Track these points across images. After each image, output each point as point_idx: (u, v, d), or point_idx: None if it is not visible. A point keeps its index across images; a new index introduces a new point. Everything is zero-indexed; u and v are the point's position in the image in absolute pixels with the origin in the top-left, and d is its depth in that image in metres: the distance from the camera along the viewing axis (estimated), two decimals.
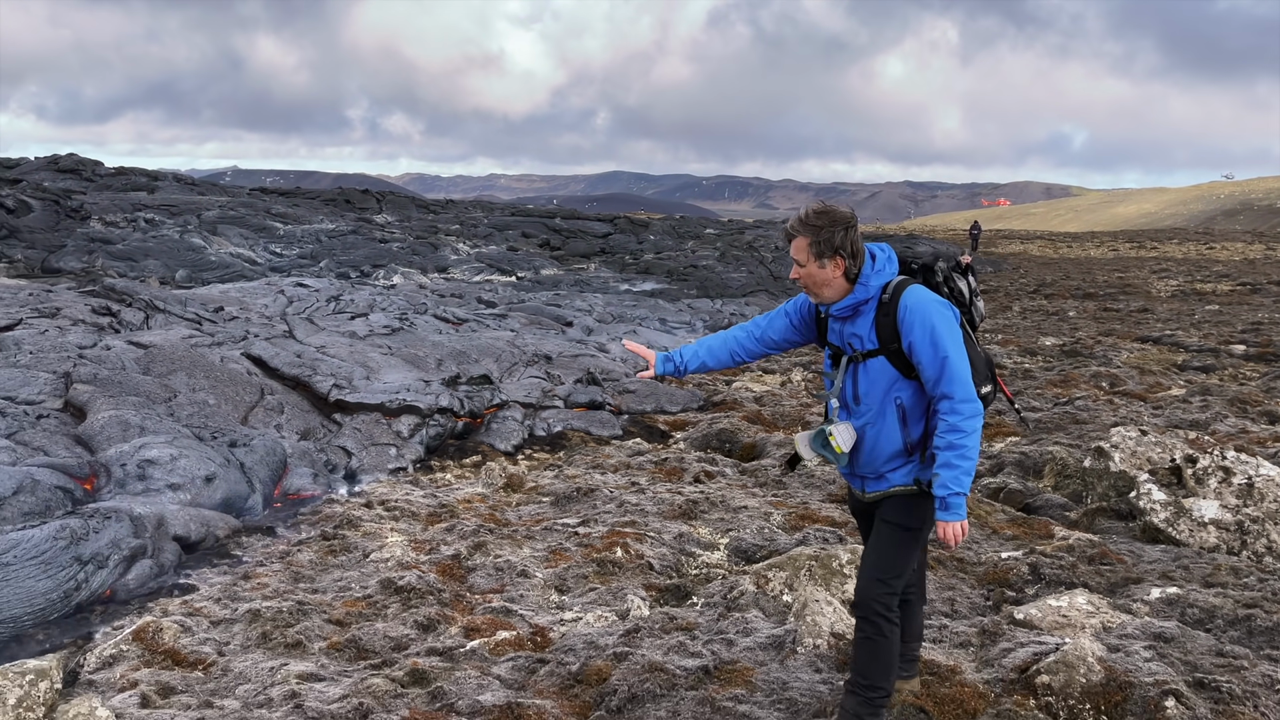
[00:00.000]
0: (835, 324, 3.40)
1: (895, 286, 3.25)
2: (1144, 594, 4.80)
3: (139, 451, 6.65)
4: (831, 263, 3.24)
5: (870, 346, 3.29)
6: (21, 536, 5.02)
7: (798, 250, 3.29)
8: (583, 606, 5.12)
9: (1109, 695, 3.59)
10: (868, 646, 3.38)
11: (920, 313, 3.17)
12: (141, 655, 4.35)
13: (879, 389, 3.29)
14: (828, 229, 3.21)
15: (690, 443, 9.67)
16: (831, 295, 3.31)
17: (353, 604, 5.04)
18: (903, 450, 3.30)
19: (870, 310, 3.28)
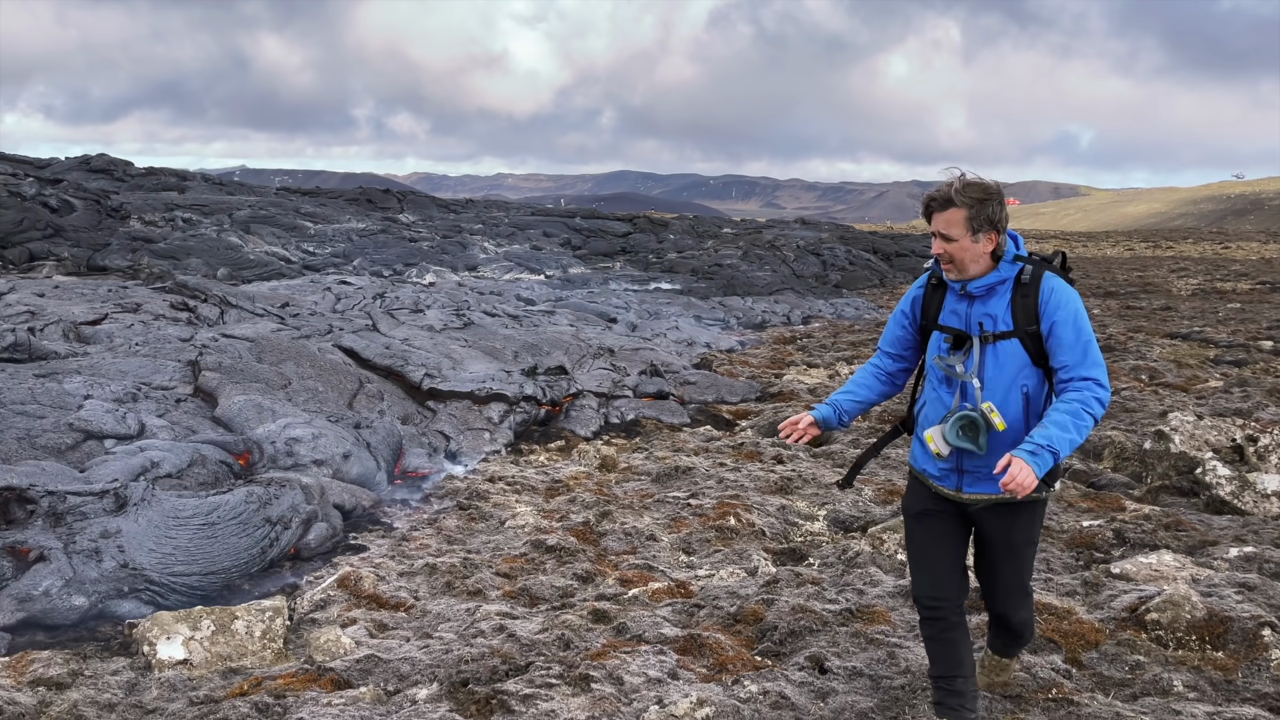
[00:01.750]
0: (960, 304, 3.27)
1: (1033, 270, 3.17)
2: (1222, 553, 5.40)
3: (284, 431, 7.28)
4: (986, 237, 3.14)
5: (1004, 328, 3.18)
6: (220, 500, 5.66)
7: (950, 223, 3.13)
8: (712, 565, 5.73)
9: (1212, 628, 4.20)
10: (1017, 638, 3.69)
11: (1065, 296, 3.13)
12: (348, 600, 4.97)
13: (1007, 374, 3.19)
14: (988, 202, 3.10)
15: (757, 430, 10.26)
16: (976, 271, 3.19)
17: (512, 560, 5.66)
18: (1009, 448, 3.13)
19: (1006, 291, 3.19)
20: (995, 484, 3.16)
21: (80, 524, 5.18)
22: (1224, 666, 3.99)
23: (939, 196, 3.16)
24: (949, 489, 3.34)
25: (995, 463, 3.08)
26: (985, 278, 3.20)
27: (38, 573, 4.86)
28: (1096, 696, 3.78)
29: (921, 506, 3.45)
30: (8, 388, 7.19)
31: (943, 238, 3.18)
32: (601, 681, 3.88)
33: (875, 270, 37.81)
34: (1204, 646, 4.18)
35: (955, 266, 3.21)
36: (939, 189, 3.18)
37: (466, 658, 4.14)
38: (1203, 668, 4.00)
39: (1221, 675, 3.93)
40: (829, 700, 3.80)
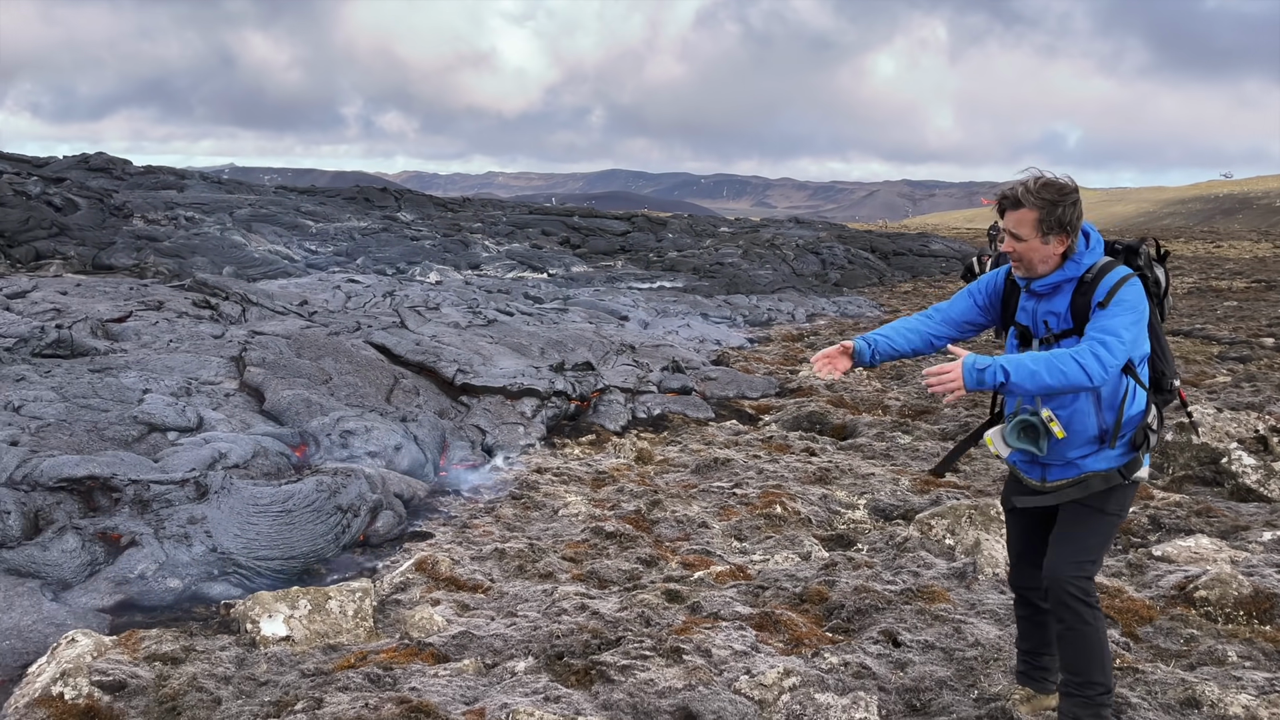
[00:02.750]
0: (1029, 301, 3.29)
1: (1100, 268, 3.15)
2: (1256, 537, 5.67)
3: (338, 424, 7.49)
4: (1056, 239, 3.14)
5: (1065, 326, 3.20)
6: (293, 489, 5.87)
7: (1020, 223, 3.14)
8: (765, 550, 5.97)
9: (1259, 604, 4.46)
10: (1071, 639, 3.28)
11: (1122, 290, 3.08)
12: (427, 582, 5.20)
13: None
14: (1061, 205, 3.09)
15: (782, 424, 10.50)
16: (1044, 271, 3.20)
17: (575, 545, 5.89)
18: (1096, 437, 3.19)
19: (1070, 289, 3.19)
20: (1075, 468, 3.24)
21: (167, 510, 5.39)
22: (1274, 639, 4.25)
23: (1011, 196, 3.16)
24: (1035, 480, 3.35)
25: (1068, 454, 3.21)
26: (1049, 277, 3.20)
27: (131, 557, 5.07)
28: (1159, 666, 4.03)
29: (1011, 501, 3.52)
30: (68, 383, 7.38)
31: (1012, 236, 3.19)
32: (691, 654, 4.11)
33: (874, 269, 38.13)
34: (1252, 621, 4.44)
35: (1023, 265, 3.23)
36: (1012, 187, 3.17)
37: (556, 633, 4.37)
38: (1254, 640, 4.26)
39: (1273, 646, 4.19)
40: (907, 670, 4.04)
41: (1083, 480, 3.25)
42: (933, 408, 11.05)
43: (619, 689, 3.84)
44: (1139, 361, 3.19)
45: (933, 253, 43.95)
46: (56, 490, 5.49)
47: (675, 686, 3.84)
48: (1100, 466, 3.23)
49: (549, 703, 3.72)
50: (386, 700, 3.69)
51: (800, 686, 3.88)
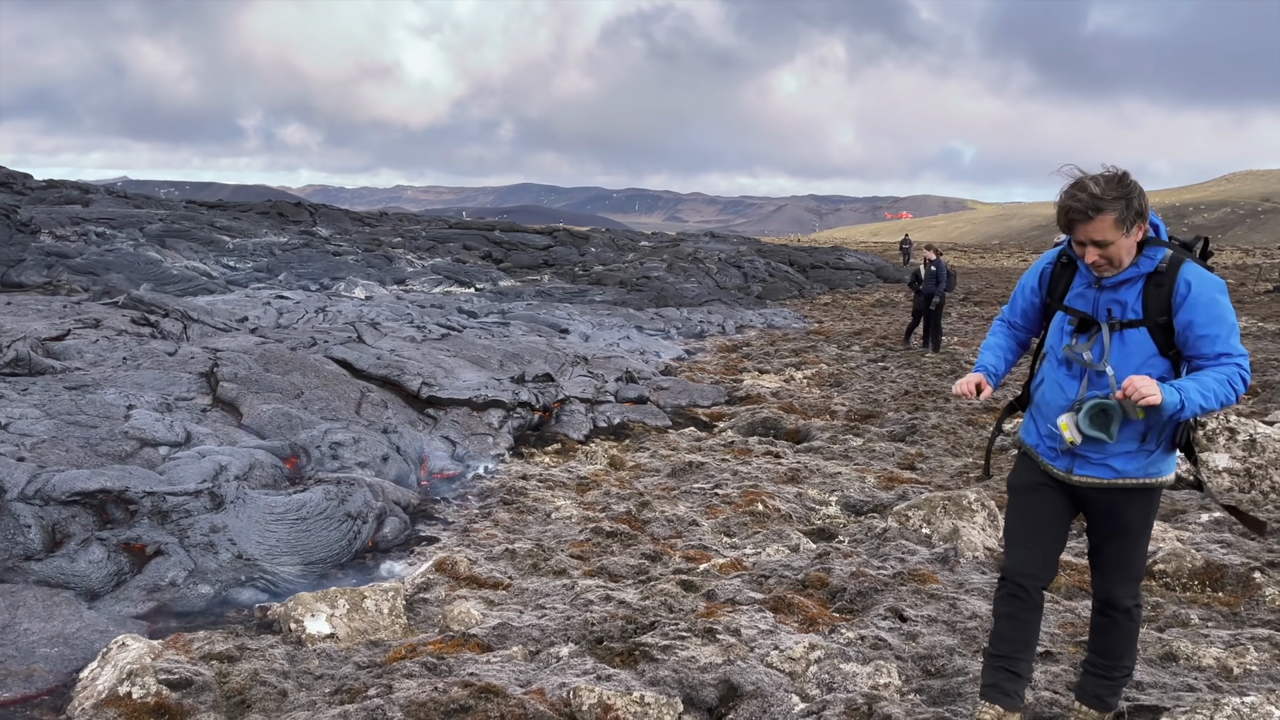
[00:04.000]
0: (1088, 290, 3.20)
1: (1170, 259, 3.08)
2: (1195, 519, 6.31)
3: (326, 436, 7.63)
4: (1137, 228, 3.04)
5: (1133, 316, 3.11)
6: (304, 498, 6.03)
7: (1101, 229, 3.00)
8: (755, 545, 6.37)
9: (1210, 574, 5.04)
10: (1117, 632, 3.41)
11: (1203, 287, 3.03)
12: (449, 581, 5.44)
13: (1132, 363, 3.11)
14: (1131, 195, 2.98)
15: (738, 430, 10.95)
16: (1129, 261, 3.10)
17: (578, 545, 6.19)
18: (1139, 435, 3.13)
19: (1142, 279, 3.10)
20: (1108, 469, 3.18)
21: (187, 520, 5.51)
22: (1228, 603, 4.82)
23: (1081, 207, 2.99)
24: (1059, 470, 3.28)
25: (1109, 448, 3.14)
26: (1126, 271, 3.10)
27: (159, 565, 5.18)
28: None
29: (1028, 481, 3.40)
30: (48, 401, 7.36)
31: (1095, 245, 3.03)
32: (723, 633, 4.47)
33: (794, 282, 39.17)
34: (1206, 588, 5.01)
35: (1113, 265, 3.09)
36: (1077, 198, 3.00)
37: (591, 621, 4.67)
38: (1211, 604, 4.83)
39: (1228, 609, 4.76)
40: (918, 640, 4.47)
41: (1121, 494, 3.20)
42: (876, 412, 11.65)
43: (663, 667, 4.17)
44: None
45: (847, 266, 45.32)
46: (70, 504, 5.55)
47: (715, 662, 4.19)
48: (1133, 470, 3.17)
49: (601, 681, 4.02)
50: (452, 684, 3.94)
51: (825, 659, 4.28)
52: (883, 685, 4.05)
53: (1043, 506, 3.40)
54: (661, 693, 3.97)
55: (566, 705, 3.85)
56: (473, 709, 3.75)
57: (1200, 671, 4.02)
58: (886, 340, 20.32)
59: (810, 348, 19.37)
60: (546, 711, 3.77)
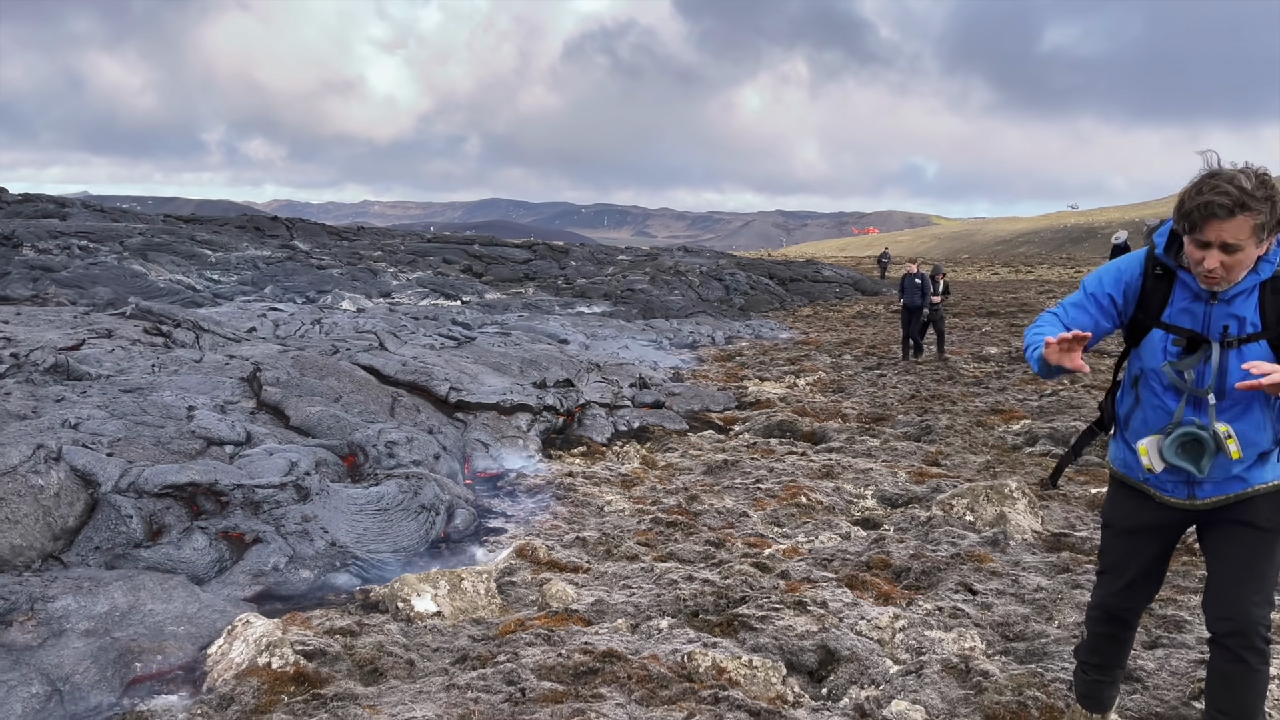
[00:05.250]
0: (1195, 302, 2.87)
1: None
2: None
3: (380, 435, 7.86)
4: (1270, 240, 2.74)
5: (1252, 329, 2.82)
6: (380, 491, 6.29)
7: (1238, 231, 2.66)
8: (807, 533, 6.70)
9: None
10: (1243, 681, 2.93)
11: None
12: (531, 566, 5.71)
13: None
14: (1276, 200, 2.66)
15: (755, 432, 11.29)
16: (1240, 278, 2.79)
17: (642, 533, 6.48)
18: (1268, 450, 2.90)
19: (1256, 290, 2.82)
20: (1238, 482, 2.91)
21: (279, 511, 5.75)
22: None
23: (1228, 203, 2.63)
24: (1179, 498, 2.99)
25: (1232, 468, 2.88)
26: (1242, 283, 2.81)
27: (260, 552, 5.41)
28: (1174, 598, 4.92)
29: (1135, 523, 3.12)
30: (110, 402, 7.54)
31: (1223, 249, 2.70)
32: (812, 605, 4.79)
33: (774, 294, 39.71)
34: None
35: (1229, 278, 2.78)
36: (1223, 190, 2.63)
37: (682, 597, 4.98)
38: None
39: None
40: (993, 610, 4.82)
41: (1248, 498, 2.91)
42: (886, 415, 12.05)
43: (763, 635, 4.48)
44: None
45: (825, 279, 46.00)
46: (162, 496, 5.76)
47: (811, 630, 4.51)
48: (1266, 475, 2.90)
49: (709, 648, 4.33)
50: (572, 651, 4.23)
51: (909, 627, 4.61)
52: (969, 648, 4.39)
53: (1149, 552, 3.13)
54: (766, 657, 4.28)
55: (683, 668, 4.15)
56: (600, 670, 4.05)
57: None
58: (876, 350, 20.79)
59: (804, 357, 19.79)
60: (666, 673, 4.06)
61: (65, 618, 4.41)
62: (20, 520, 5.15)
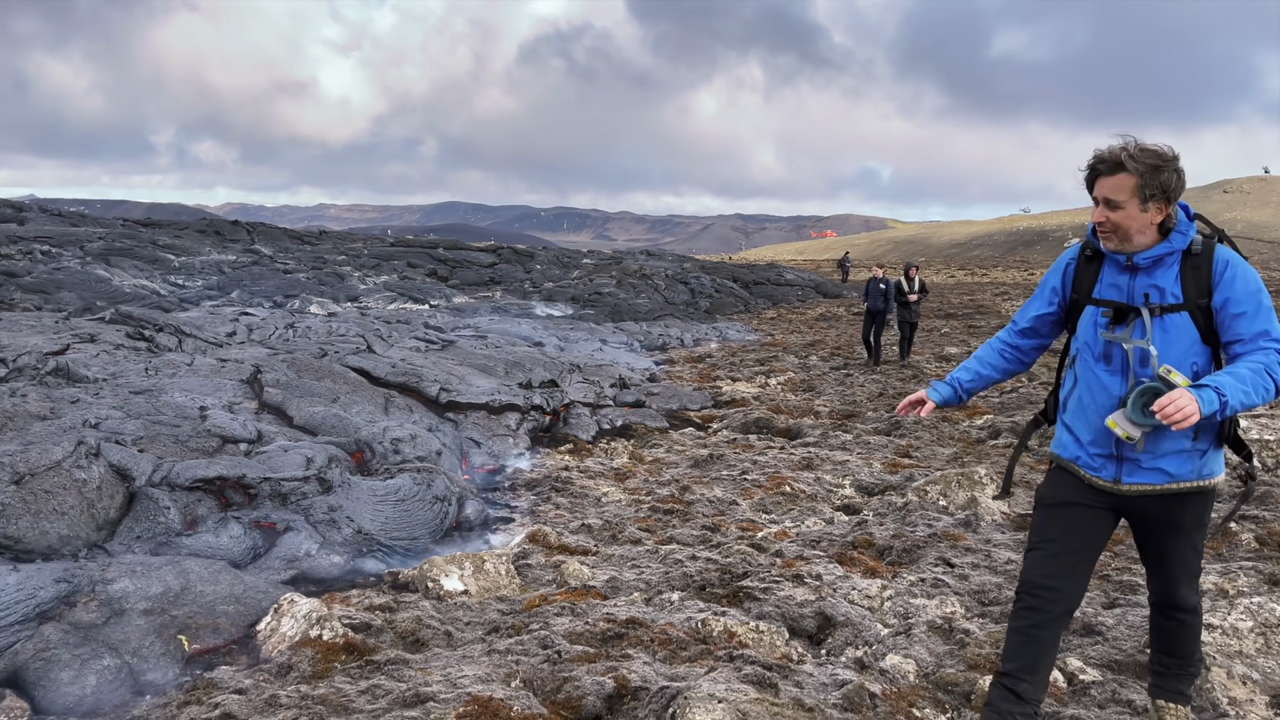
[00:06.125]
0: (1120, 275, 3.10)
1: (1204, 241, 3.05)
2: None
3: (386, 433, 8.24)
4: (1156, 207, 2.96)
5: (1173, 300, 3.01)
6: (396, 483, 6.68)
7: (1118, 189, 2.95)
8: (793, 519, 7.20)
9: None
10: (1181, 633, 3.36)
11: (1240, 267, 3.00)
12: (543, 550, 6.15)
13: (1177, 350, 3.01)
14: (1164, 169, 2.91)
15: (733, 429, 11.80)
16: (1142, 243, 3.02)
17: (642, 520, 6.94)
18: (1190, 433, 3.01)
19: (1175, 261, 3.03)
20: (1160, 474, 3.04)
21: (305, 502, 6.12)
22: (1212, 548, 5.80)
23: (1109, 159, 2.96)
24: (1106, 480, 3.11)
25: (1160, 446, 3.01)
26: (1155, 249, 3.02)
27: (292, 540, 5.79)
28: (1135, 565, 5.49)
29: (1064, 497, 3.22)
30: (126, 403, 7.85)
31: (1107, 204, 2.98)
32: (808, 579, 5.28)
33: (739, 297, 40.38)
34: None
35: (1117, 236, 3.03)
36: (1109, 151, 2.97)
37: (689, 573, 5.45)
38: None
39: (1213, 551, 5.74)
40: (969, 580, 5.35)
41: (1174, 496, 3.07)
42: (857, 411, 12.62)
43: (766, 604, 4.97)
44: None
45: (788, 282, 46.78)
46: (192, 490, 6.11)
47: (809, 599, 5.00)
48: (1186, 472, 3.04)
49: (719, 616, 4.80)
50: (597, 620, 4.68)
51: (896, 596, 5.13)
52: (950, 612, 4.91)
53: (1077, 524, 3.19)
54: (770, 623, 4.76)
55: (698, 632, 4.62)
56: (626, 635, 4.50)
57: (1203, 593, 4.96)
58: (841, 351, 21.43)
59: (772, 358, 20.36)
60: (684, 637, 4.53)
61: (124, 598, 4.77)
62: (67, 512, 5.49)
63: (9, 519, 5.29)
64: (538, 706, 3.80)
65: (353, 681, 4.15)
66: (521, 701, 3.80)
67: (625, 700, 3.89)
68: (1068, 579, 3.17)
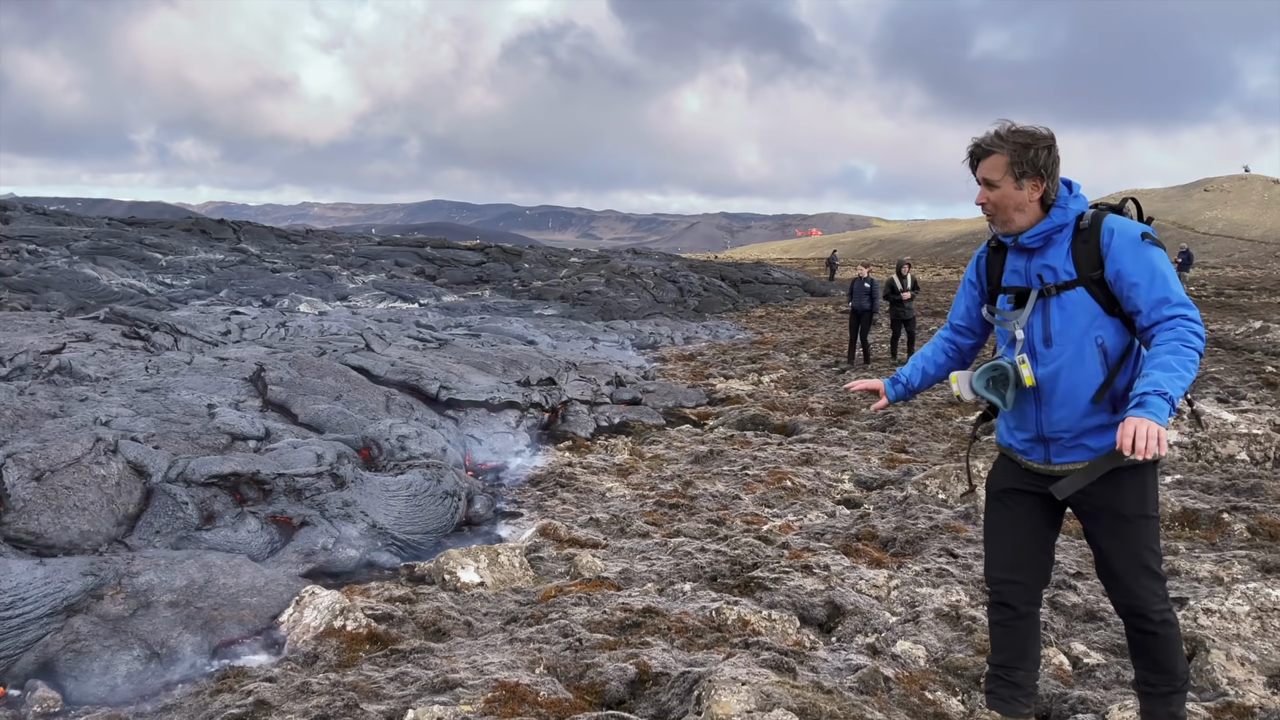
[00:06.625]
0: (1018, 259, 3.16)
1: (1093, 215, 3.05)
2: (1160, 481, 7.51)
3: (392, 430, 8.34)
4: (1031, 184, 3.03)
5: (1066, 278, 3.03)
6: (409, 479, 6.79)
7: (991, 169, 3.05)
8: (796, 512, 7.34)
9: (1188, 517, 6.21)
10: (1155, 644, 3.14)
11: (1128, 235, 2.96)
12: (554, 543, 6.27)
13: (1077, 326, 3.01)
14: (1032, 147, 2.99)
15: (730, 426, 11.93)
16: (1023, 222, 3.09)
17: (648, 514, 7.07)
18: (1105, 403, 2.99)
19: (1065, 238, 3.05)
20: (1084, 450, 3.05)
21: (319, 498, 6.22)
22: (1206, 537, 5.98)
23: (982, 143, 3.07)
24: (1037, 462, 3.15)
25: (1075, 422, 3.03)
26: (1037, 226, 3.07)
27: (308, 534, 5.89)
28: None
29: (1005, 485, 3.28)
30: (132, 401, 7.92)
31: (986, 184, 3.08)
32: (816, 570, 5.42)
33: (727, 296, 40.57)
34: (1185, 528, 6.18)
35: (999, 217, 3.11)
36: (984, 135, 3.09)
37: (700, 565, 5.58)
38: (1193, 538, 5.98)
39: (1207, 541, 5.92)
40: (973, 569, 5.50)
41: (1108, 478, 3.01)
42: (851, 408, 12.79)
43: (777, 594, 5.11)
44: None
45: (775, 280, 47.02)
46: (208, 485, 6.20)
47: (819, 589, 5.14)
48: (1109, 445, 3.00)
49: (731, 605, 4.93)
50: (614, 610, 4.81)
51: (902, 585, 5.27)
52: (956, 601, 5.06)
53: (1019, 507, 3.25)
54: (781, 612, 4.90)
55: (713, 621, 4.75)
56: (643, 624, 4.63)
57: (1199, 580, 5.14)
58: (831, 349, 21.62)
59: (763, 355, 20.52)
60: (700, 625, 4.66)
61: (150, 590, 4.86)
62: (87, 507, 5.57)
63: (31, 514, 5.37)
64: (563, 691, 3.92)
65: (380, 669, 4.26)
66: (547, 687, 3.92)
67: (647, 685, 4.02)
68: (1025, 570, 3.25)
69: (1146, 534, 3.05)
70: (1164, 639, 3.12)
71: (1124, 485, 3.02)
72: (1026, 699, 3.33)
